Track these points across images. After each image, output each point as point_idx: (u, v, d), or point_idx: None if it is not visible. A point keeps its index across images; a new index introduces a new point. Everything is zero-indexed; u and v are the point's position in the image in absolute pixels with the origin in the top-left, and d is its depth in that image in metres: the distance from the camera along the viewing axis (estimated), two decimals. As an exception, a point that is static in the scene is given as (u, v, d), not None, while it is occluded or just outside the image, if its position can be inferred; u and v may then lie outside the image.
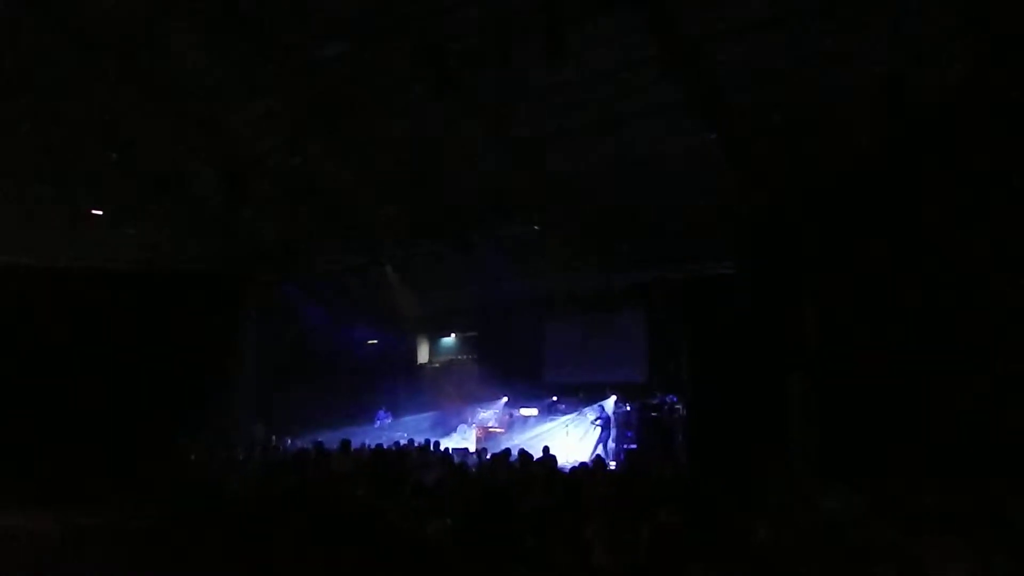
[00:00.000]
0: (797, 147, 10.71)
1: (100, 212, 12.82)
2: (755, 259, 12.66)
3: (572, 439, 15.86)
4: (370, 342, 20.78)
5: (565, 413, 17.00)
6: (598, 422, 15.72)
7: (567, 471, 9.10)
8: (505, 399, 18.18)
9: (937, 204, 8.96)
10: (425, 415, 19.02)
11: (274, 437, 15.50)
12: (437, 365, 21.46)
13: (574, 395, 17.31)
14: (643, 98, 10.11)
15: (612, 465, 13.65)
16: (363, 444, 12.34)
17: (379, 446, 12.45)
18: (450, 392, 19.30)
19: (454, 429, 18.10)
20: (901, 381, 9.01)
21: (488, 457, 11.56)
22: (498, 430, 16.97)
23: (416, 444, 13.53)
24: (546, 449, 12.36)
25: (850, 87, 9.29)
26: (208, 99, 10.21)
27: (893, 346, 9.33)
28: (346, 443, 10.93)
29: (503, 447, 13.09)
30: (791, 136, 10.50)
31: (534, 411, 17.74)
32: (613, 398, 16.04)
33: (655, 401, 15.10)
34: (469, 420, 18.07)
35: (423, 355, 21.82)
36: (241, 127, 11.02)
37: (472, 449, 15.05)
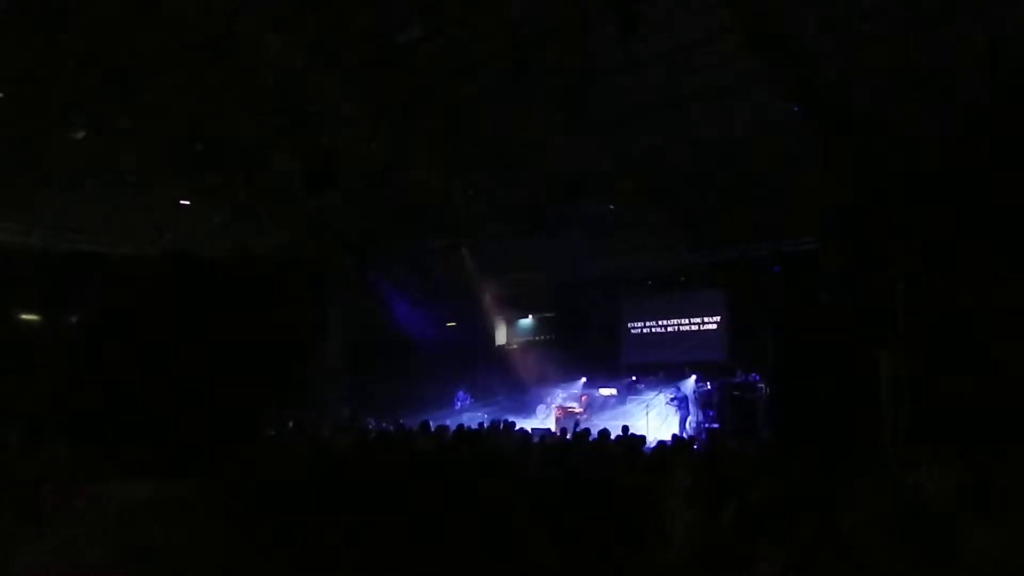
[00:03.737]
0: (887, 119, 10.33)
1: (188, 203, 13.32)
2: (842, 235, 12.31)
3: (652, 419, 15.74)
4: (449, 324, 21.03)
5: (644, 393, 16.87)
6: (674, 402, 15.56)
7: (648, 450, 9.05)
8: (584, 379, 18.16)
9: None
10: (504, 396, 19.16)
11: (357, 418, 15.89)
12: (515, 346, 21.56)
13: (653, 374, 17.17)
14: (723, 72, 9.88)
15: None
16: (443, 425, 12.51)
17: (460, 426, 12.61)
18: (528, 373, 19.39)
19: (533, 410, 18.17)
20: (995, 357, 8.66)
21: (568, 437, 11.57)
22: (577, 410, 16.96)
23: (496, 425, 13.63)
24: (625, 428, 12.30)
25: (949, 53, 8.88)
26: (290, 88, 10.44)
27: (987, 322, 8.97)
28: (425, 424, 11.11)
29: (583, 427, 13.10)
30: (881, 108, 10.13)
31: (613, 391, 17.67)
32: (693, 377, 15.84)
33: (736, 380, 14.86)
34: (548, 401, 18.11)
35: (501, 337, 21.96)
36: (323, 115, 11.25)
37: (552, 429, 15.10)
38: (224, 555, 0.89)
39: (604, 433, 10.07)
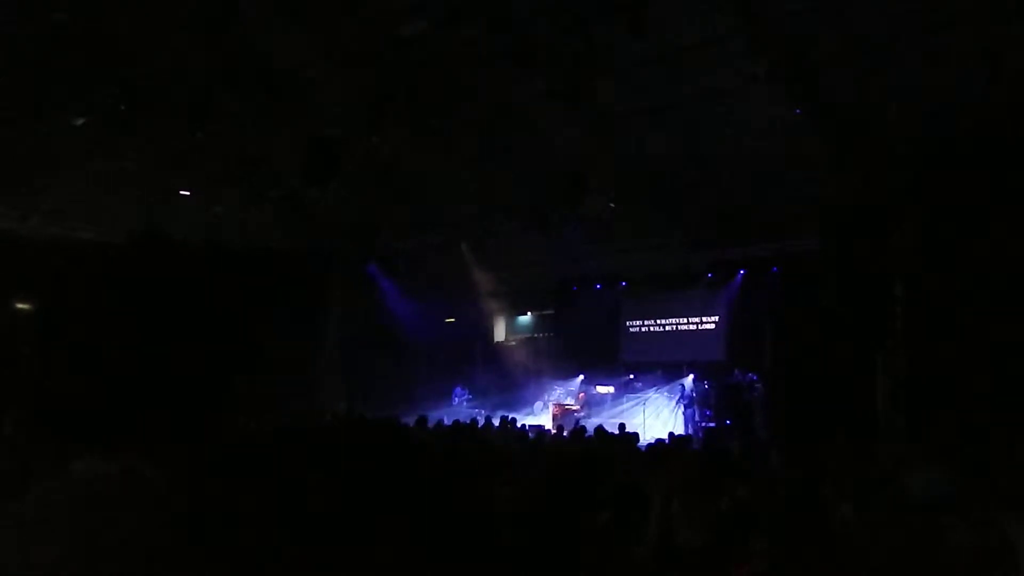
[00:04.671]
0: (888, 120, 10.32)
1: (187, 192, 13.29)
2: (843, 236, 12.32)
3: (649, 417, 15.77)
4: (447, 320, 21.03)
5: (642, 391, 16.90)
6: (683, 401, 15.59)
7: (644, 448, 9.06)
8: (581, 377, 18.18)
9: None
10: (501, 393, 19.18)
11: (354, 412, 15.89)
12: (514, 343, 21.57)
13: (651, 373, 17.19)
14: (728, 72, 9.86)
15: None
16: (440, 420, 12.52)
17: (456, 422, 12.62)
18: (526, 370, 19.39)
19: (530, 407, 18.20)
20: (992, 359, 8.67)
21: (564, 434, 11.58)
22: (574, 408, 16.98)
23: (492, 421, 13.64)
24: (622, 427, 12.32)
25: (950, 58, 8.86)
26: (292, 77, 10.39)
27: (984, 324, 8.97)
28: (422, 418, 11.11)
29: (579, 424, 13.10)
30: (883, 110, 10.12)
31: (610, 389, 17.69)
32: (691, 376, 15.86)
33: (734, 379, 14.88)
34: (545, 398, 18.14)
35: (500, 333, 21.97)
36: (324, 106, 11.20)
37: (548, 426, 15.11)
38: (190, 534, 0.89)
39: (600, 431, 10.07)
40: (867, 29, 8.66)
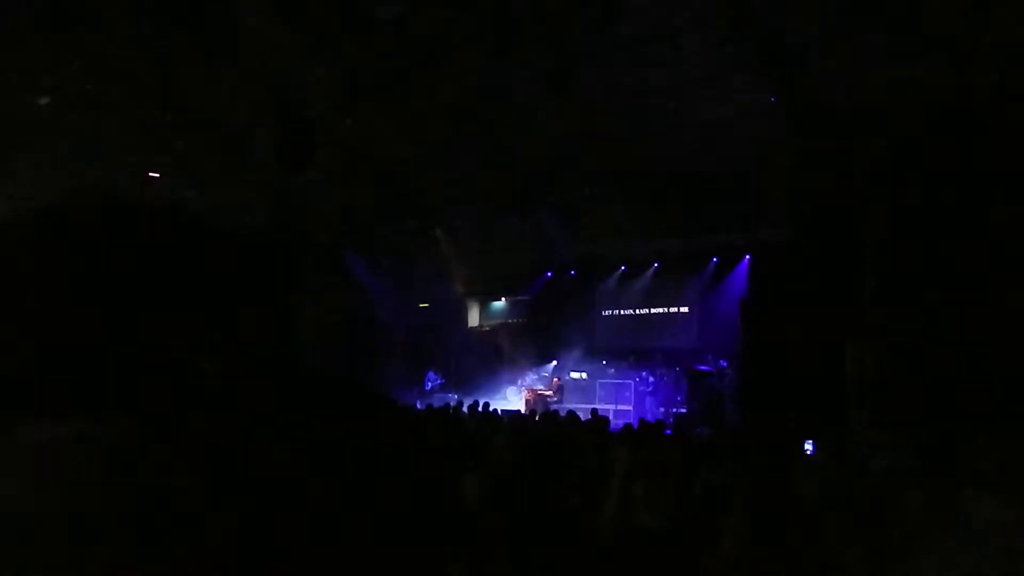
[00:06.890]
0: (863, 112, 10.39)
1: (158, 175, 13.10)
2: (815, 225, 12.40)
3: (621, 402, 15.85)
4: (421, 305, 20.95)
5: (615, 377, 16.97)
6: (651, 386, 15.68)
7: (615, 432, 9.10)
8: (555, 362, 18.21)
9: (1006, 172, 8.66)
10: (474, 378, 19.17)
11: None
12: (487, 328, 21.54)
13: (624, 359, 17.26)
14: (705, 62, 9.88)
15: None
16: (411, 405, 12.48)
17: (428, 406, 12.59)
18: (500, 355, 19.39)
19: (503, 392, 18.20)
20: (962, 349, 8.79)
21: (537, 419, 11.60)
22: (547, 393, 17.02)
23: (465, 406, 13.61)
24: (594, 412, 12.37)
25: (920, 51, 8.93)
26: (269, 60, 10.26)
27: (955, 314, 9.09)
28: (393, 403, 11.06)
29: (552, 409, 13.14)
30: (857, 100, 10.18)
31: (584, 374, 17.74)
32: (663, 362, 15.96)
33: (705, 366, 14.98)
34: (519, 383, 18.15)
35: (474, 318, 21.92)
36: (301, 89, 11.07)
37: (522, 411, 15.12)
38: (152, 504, 0.86)
39: (572, 415, 10.10)
40: (839, 18, 8.71)
